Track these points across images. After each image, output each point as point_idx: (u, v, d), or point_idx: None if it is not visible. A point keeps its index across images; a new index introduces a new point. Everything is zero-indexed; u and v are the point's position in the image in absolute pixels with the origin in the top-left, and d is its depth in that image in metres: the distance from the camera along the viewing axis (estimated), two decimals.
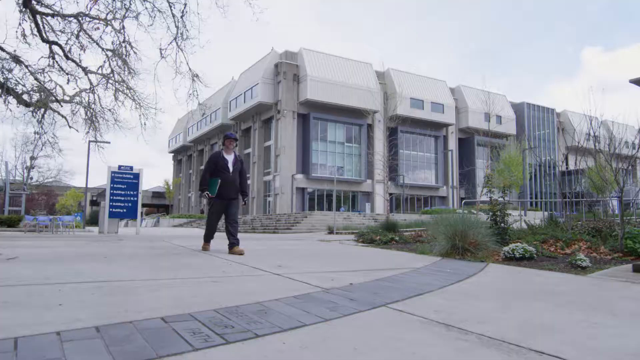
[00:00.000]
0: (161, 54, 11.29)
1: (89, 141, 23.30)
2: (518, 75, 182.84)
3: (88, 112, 14.06)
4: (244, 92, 49.24)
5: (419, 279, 4.53)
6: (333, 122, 47.97)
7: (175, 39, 11.12)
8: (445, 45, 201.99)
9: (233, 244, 6.55)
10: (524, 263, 6.41)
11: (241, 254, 6.25)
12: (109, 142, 19.58)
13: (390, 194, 52.29)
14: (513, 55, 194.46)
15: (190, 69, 11.68)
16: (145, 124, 13.12)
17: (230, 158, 6.94)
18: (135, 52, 11.98)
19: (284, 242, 10.02)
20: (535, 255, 6.61)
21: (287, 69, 45.47)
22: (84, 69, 12.64)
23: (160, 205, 73.27)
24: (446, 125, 55.12)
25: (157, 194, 73.46)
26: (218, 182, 6.74)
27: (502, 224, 7.53)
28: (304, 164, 45.74)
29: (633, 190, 58.80)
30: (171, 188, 63.72)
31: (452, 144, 56.12)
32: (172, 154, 75.07)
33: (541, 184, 64.24)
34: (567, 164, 68.90)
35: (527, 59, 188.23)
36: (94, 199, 72.03)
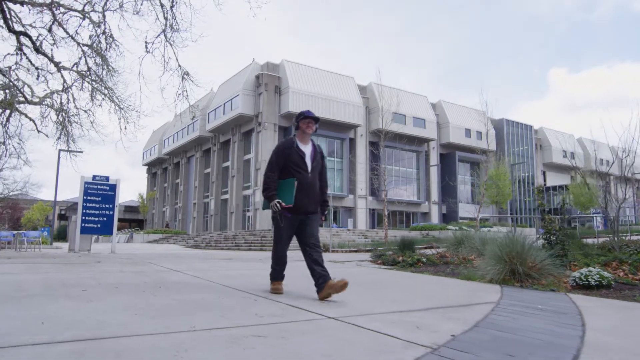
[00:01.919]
0: (147, 48, 9.93)
1: (59, 150, 21.56)
2: (491, 94, 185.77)
3: (60, 115, 12.50)
4: (224, 104, 47.74)
5: (525, 323, 3.29)
6: (315, 135, 46.82)
7: (163, 31, 9.79)
8: (421, 63, 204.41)
9: (325, 277, 4.20)
10: (603, 292, 5.26)
11: (343, 290, 4.15)
12: (82, 152, 17.88)
13: (372, 209, 51.33)
14: (485, 75, 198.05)
15: (180, 65, 10.33)
16: (125, 128, 11.66)
17: (307, 149, 4.48)
18: (117, 45, 10.57)
19: (290, 264, 8.64)
20: (611, 283, 5.49)
21: (268, 81, 44.27)
22: (57, 65, 11.13)
23: (132, 220, 70.56)
24: (428, 140, 54.62)
25: (129, 208, 70.81)
26: (294, 185, 4.27)
27: (561, 245, 6.37)
28: None
29: (613, 206, 59.17)
30: (145, 202, 61.39)
31: (434, 160, 55.61)
32: (147, 167, 72.67)
33: (520, 200, 64.26)
34: (545, 180, 69.44)
35: (499, 79, 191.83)
36: (63, 212, 69.08)
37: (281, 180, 4.37)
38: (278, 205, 4.20)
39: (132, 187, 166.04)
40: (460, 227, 30.48)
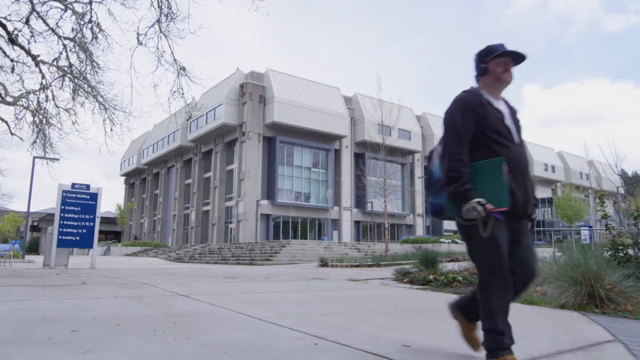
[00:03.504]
0: (139, 40, 8.83)
1: (34, 157, 20.18)
2: None
3: (37, 115, 11.27)
4: (207, 113, 46.38)
5: None
6: (300, 146, 45.90)
7: (158, 20, 8.72)
8: (402, 76, 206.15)
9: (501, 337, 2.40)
10: None
11: None
12: (58, 159, 16.51)
13: (357, 222, 50.39)
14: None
15: (175, 59, 9.26)
16: (112, 130, 10.49)
17: (502, 107, 2.62)
18: (105, 36, 9.41)
19: (304, 283, 7.55)
20: None
21: (252, 90, 43.20)
22: (35, 58, 9.94)
23: (109, 231, 68.24)
24: (413, 152, 54.09)
25: (105, 220, 68.42)
26: (503, 167, 2.33)
27: (636, 261, 5.48)
28: (269, 189, 43.18)
29: (592, 218, 59.67)
30: (124, 213, 59.39)
31: (419, 172, 55.15)
32: (124, 177, 70.57)
33: None
34: None
35: None
36: (35, 224, 66.45)
37: (476, 164, 2.42)
38: (479, 207, 2.27)
39: (108, 198, 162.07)
40: (453, 240, 29.79)
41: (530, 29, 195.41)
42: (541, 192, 70.09)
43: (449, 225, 58.07)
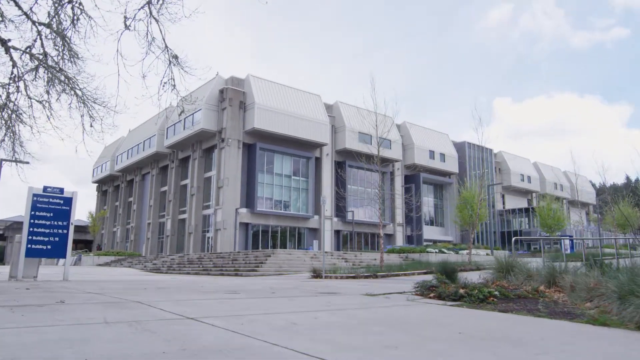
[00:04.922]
0: (126, 24, 7.83)
1: (2, 159, 18.86)
2: (444, 118, 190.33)
3: (6, 110, 10.09)
4: (184, 119, 45.00)
5: None
6: (280, 153, 44.95)
7: (149, 2, 7.73)
8: (378, 86, 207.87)
9: None
10: None
11: None
12: (29, 162, 15.21)
13: (337, 231, 49.54)
14: (439, 101, 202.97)
15: (167, 46, 8.25)
16: (91, 126, 9.38)
17: None
18: (88, 18, 8.33)
19: (320, 299, 6.59)
20: None
21: (233, 96, 42.12)
22: (5, 43, 8.80)
23: (79, 240, 65.69)
24: (393, 161, 53.69)
25: (76, 228, 65.93)
26: None
27: None
28: (249, 198, 42.00)
29: (572, 229, 60.02)
30: (97, 221, 57.24)
31: (399, 181, 54.78)
32: (97, 184, 68.22)
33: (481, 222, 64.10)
34: (504, 204, 70.09)
35: (451, 105, 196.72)
36: (1, 232, 63.58)
37: None
38: None
39: (78, 206, 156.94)
40: (440, 250, 29.23)
41: (500, 43, 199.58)
42: (517, 203, 70.79)
43: (430, 234, 57.77)
